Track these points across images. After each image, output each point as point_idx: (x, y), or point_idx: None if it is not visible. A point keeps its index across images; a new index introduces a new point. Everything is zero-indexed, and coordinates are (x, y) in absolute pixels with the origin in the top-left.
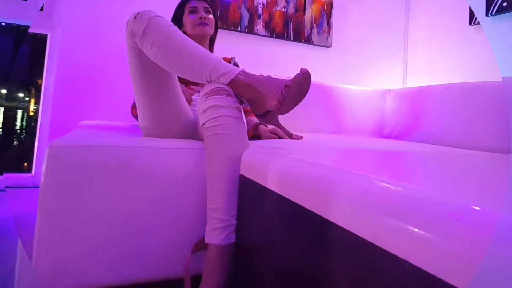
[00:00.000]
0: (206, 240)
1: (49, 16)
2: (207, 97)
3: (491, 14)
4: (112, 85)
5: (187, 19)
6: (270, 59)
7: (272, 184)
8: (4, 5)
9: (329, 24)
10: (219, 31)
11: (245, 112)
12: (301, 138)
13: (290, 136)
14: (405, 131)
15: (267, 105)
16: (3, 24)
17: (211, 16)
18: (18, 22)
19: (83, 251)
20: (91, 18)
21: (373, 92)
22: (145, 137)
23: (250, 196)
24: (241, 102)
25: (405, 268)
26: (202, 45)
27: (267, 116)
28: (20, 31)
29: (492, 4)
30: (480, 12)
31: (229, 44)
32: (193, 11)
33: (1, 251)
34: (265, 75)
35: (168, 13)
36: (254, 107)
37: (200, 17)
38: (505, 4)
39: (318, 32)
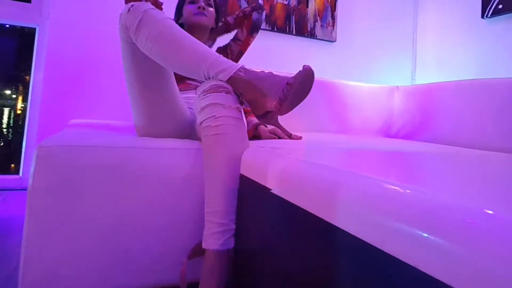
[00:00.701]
0: (204, 245)
1: (38, 9)
2: (205, 94)
3: (486, 16)
4: (104, 81)
5: (186, 8)
6: (271, 54)
7: (272, 185)
8: (8, 7)
9: (333, 17)
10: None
11: (245, 113)
12: (300, 138)
13: (290, 136)
14: (414, 130)
15: (267, 106)
16: (7, 26)
17: (211, 9)
18: (22, 24)
19: (74, 257)
20: (82, 11)
21: (380, 89)
22: (140, 137)
23: (250, 197)
24: (241, 103)
25: (415, 276)
26: (199, 38)
27: (267, 116)
28: (23, 33)
29: (487, 7)
30: (475, 14)
31: (227, 39)
32: (193, 1)
33: (5, 249)
34: (266, 71)
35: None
36: (254, 107)
37: (199, 7)
38: (500, 6)
39: (321, 26)
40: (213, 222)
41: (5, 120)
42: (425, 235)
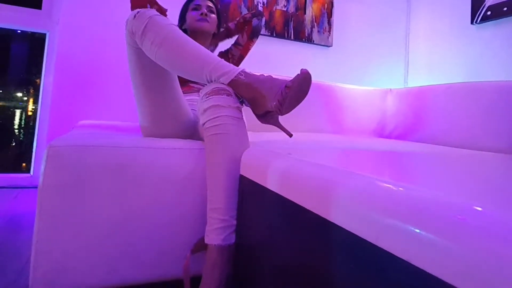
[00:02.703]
0: (206, 241)
1: (48, 15)
2: (208, 97)
3: (475, 22)
4: (111, 84)
5: (189, 15)
6: (270, 58)
7: (272, 184)
8: (19, 14)
9: (329, 23)
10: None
11: None
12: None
13: (291, 136)
14: (407, 131)
15: (267, 106)
16: (19, 31)
17: (213, 15)
18: (32, 30)
19: (82, 252)
20: (90, 17)
21: (374, 91)
22: (145, 137)
23: (250, 196)
24: (241, 103)
25: (407, 270)
26: (202, 43)
27: (267, 116)
28: (34, 38)
29: (476, 13)
30: (465, 21)
31: (228, 43)
32: (196, 8)
33: (17, 244)
34: (265, 75)
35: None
36: (254, 107)
37: (201, 13)
38: (489, 13)
39: (318, 31)
40: (215, 218)
41: (16, 121)
42: (417, 231)
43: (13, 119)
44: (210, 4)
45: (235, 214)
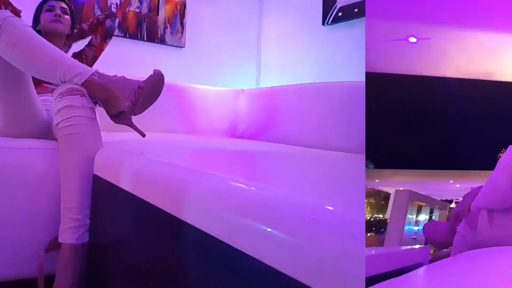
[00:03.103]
0: (60, 239)
1: None
2: (61, 97)
3: (327, 23)
4: None
5: (43, 16)
6: (123, 59)
7: (125, 184)
8: None
9: (182, 24)
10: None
11: None
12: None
13: (144, 136)
14: (259, 131)
15: (120, 106)
16: None
17: (67, 16)
18: None
19: None
20: None
21: (226, 92)
22: None
23: (104, 196)
24: (95, 103)
25: (259, 268)
26: (56, 44)
27: (120, 116)
28: None
29: (328, 14)
30: (316, 22)
31: (82, 44)
32: (50, 9)
33: None
34: (119, 75)
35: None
36: (108, 107)
37: (55, 15)
38: (340, 14)
39: (171, 32)
40: (69, 218)
41: None
42: (269, 230)
43: None
44: (64, 5)
45: (88, 213)
